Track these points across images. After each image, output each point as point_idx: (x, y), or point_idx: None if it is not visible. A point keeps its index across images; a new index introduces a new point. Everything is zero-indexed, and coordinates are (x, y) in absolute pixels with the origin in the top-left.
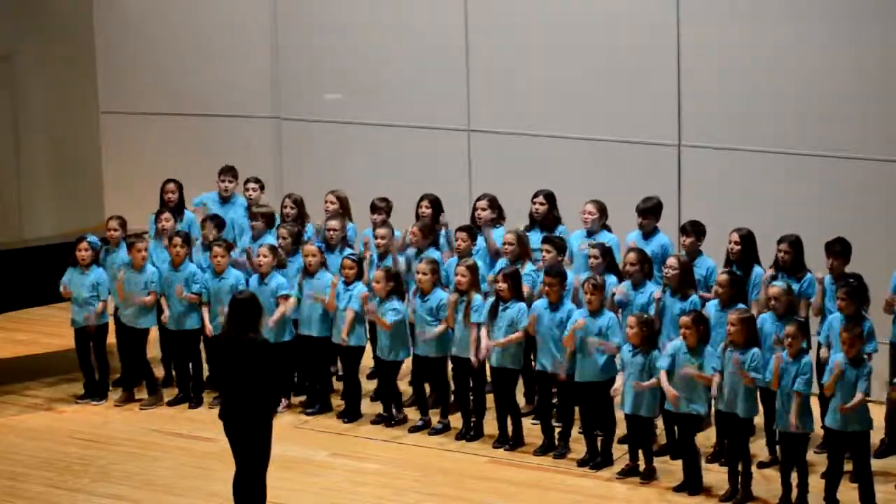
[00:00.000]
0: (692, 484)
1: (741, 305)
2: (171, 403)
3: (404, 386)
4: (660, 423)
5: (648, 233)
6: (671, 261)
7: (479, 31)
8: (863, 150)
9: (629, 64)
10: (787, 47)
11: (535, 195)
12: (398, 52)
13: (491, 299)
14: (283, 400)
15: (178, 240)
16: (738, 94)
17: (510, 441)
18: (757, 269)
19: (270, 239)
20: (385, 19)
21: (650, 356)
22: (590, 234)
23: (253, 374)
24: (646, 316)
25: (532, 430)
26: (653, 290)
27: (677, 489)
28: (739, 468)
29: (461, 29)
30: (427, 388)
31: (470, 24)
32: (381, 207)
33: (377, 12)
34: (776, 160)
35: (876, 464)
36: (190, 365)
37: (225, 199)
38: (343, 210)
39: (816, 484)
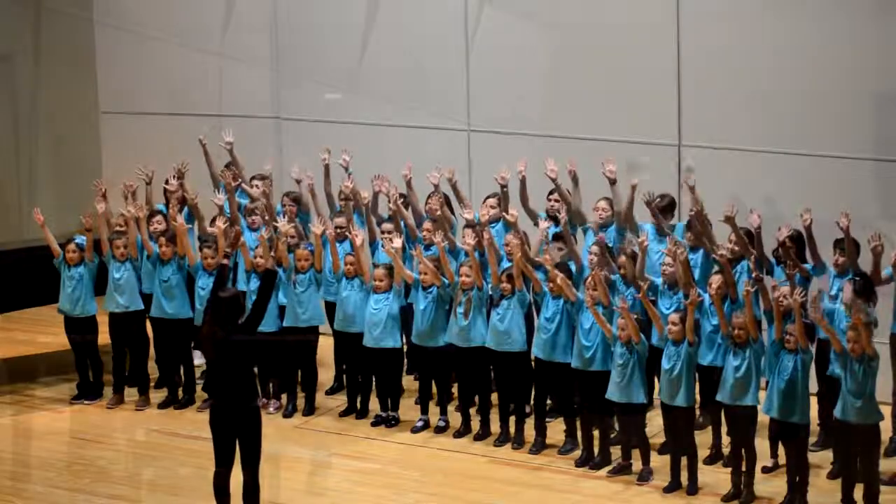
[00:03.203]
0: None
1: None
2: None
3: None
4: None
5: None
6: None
7: (479, 30)
8: (862, 151)
9: (629, 64)
10: (787, 47)
11: (551, 192)
12: (398, 52)
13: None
14: (274, 401)
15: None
16: (738, 94)
17: (514, 439)
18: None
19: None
20: (385, 19)
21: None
22: (604, 228)
23: (247, 370)
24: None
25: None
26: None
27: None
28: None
29: (461, 29)
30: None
31: (470, 24)
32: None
33: (377, 12)
34: (776, 160)
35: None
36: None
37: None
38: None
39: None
